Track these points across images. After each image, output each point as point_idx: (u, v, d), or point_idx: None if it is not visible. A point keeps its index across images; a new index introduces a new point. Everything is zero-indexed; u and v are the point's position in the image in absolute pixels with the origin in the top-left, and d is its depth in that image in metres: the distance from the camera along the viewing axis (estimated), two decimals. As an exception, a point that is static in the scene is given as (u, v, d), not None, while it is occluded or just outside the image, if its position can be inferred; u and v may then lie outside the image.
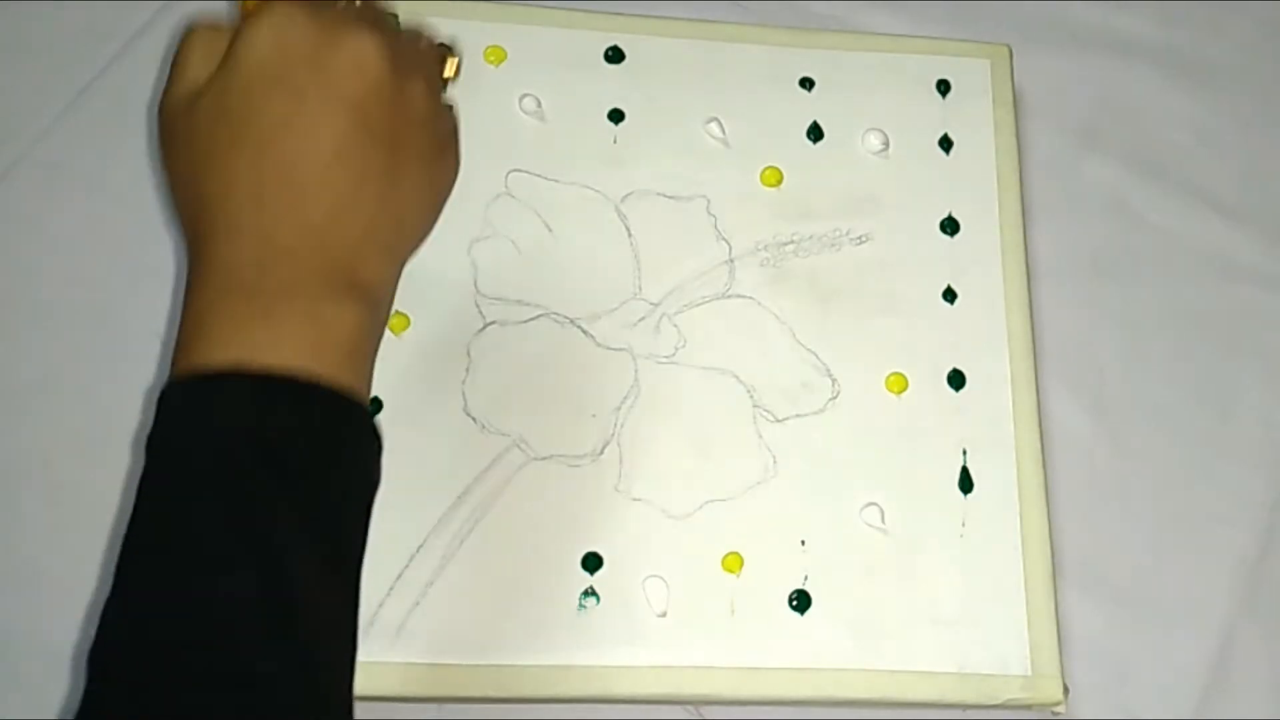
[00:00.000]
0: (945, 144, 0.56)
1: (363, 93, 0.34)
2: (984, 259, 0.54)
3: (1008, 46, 0.58)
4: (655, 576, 0.47)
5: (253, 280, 0.33)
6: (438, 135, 0.38)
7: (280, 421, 0.32)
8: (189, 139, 0.35)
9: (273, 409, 0.32)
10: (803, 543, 0.48)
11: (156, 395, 0.33)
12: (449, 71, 0.40)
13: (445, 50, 0.40)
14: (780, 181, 0.55)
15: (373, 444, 0.34)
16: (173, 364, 0.33)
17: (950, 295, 0.53)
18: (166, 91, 0.36)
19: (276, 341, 0.32)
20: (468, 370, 0.50)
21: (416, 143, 0.36)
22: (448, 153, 0.39)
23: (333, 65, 0.34)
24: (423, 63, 0.38)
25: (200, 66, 0.35)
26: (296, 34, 0.34)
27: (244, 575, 0.30)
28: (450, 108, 0.39)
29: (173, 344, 0.48)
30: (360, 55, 0.34)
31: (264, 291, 0.33)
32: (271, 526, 0.31)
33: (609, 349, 0.51)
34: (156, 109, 0.36)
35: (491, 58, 0.55)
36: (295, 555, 0.31)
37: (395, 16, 0.40)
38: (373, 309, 0.35)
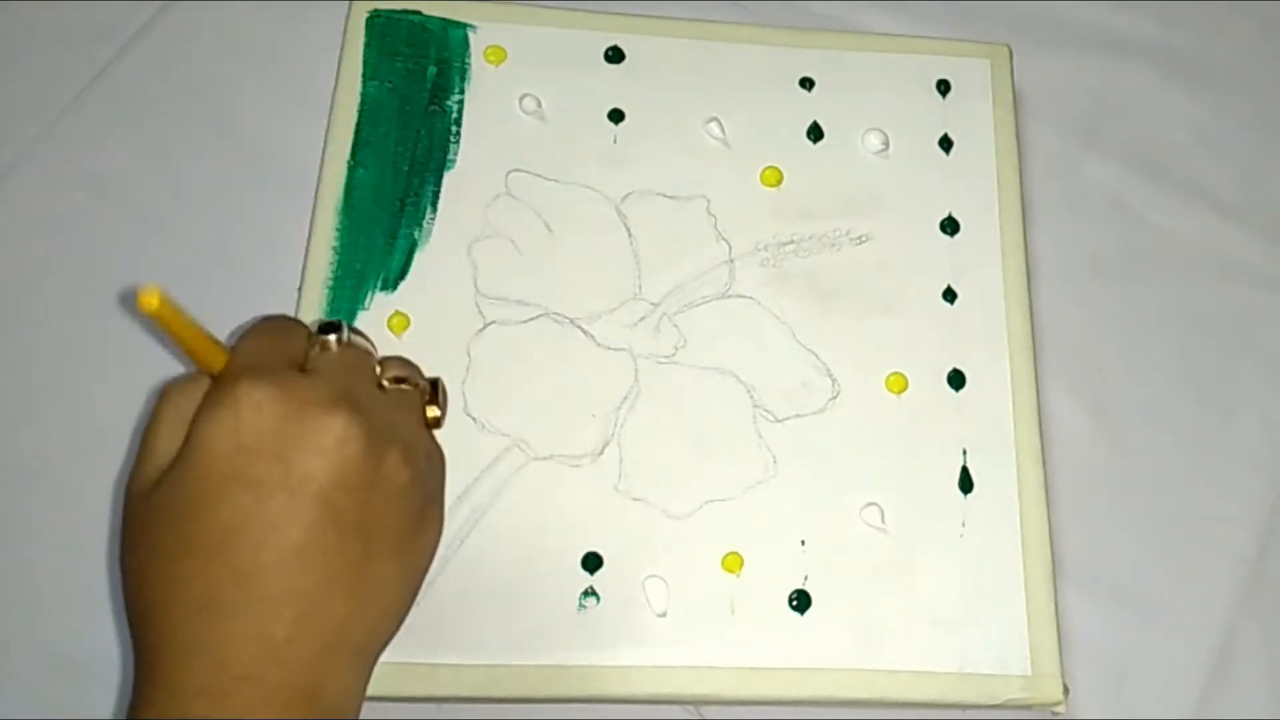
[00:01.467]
0: (945, 144, 0.56)
1: (331, 481, 0.31)
2: (984, 259, 0.54)
3: (1008, 46, 0.58)
4: (655, 576, 0.47)
5: (201, 713, 0.30)
6: (414, 503, 0.34)
7: None
8: (143, 533, 0.32)
9: None
10: (803, 543, 0.48)
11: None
12: (433, 414, 0.37)
13: (430, 391, 0.37)
14: (780, 181, 0.55)
15: None
16: None
17: (950, 295, 0.53)
18: (135, 465, 0.33)
19: None
20: (468, 370, 0.50)
21: (391, 523, 0.33)
22: (427, 522, 0.35)
23: (298, 454, 0.31)
24: (401, 426, 0.34)
25: (168, 438, 0.32)
26: (258, 419, 0.31)
27: None
28: (439, 457, 0.36)
29: (172, 344, 0.48)
30: (328, 441, 0.31)
31: None
32: None
33: (609, 349, 0.51)
34: (126, 487, 0.33)
35: (491, 58, 0.55)
36: None
37: (373, 355, 0.37)
38: None
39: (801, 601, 0.48)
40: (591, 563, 0.47)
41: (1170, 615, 0.52)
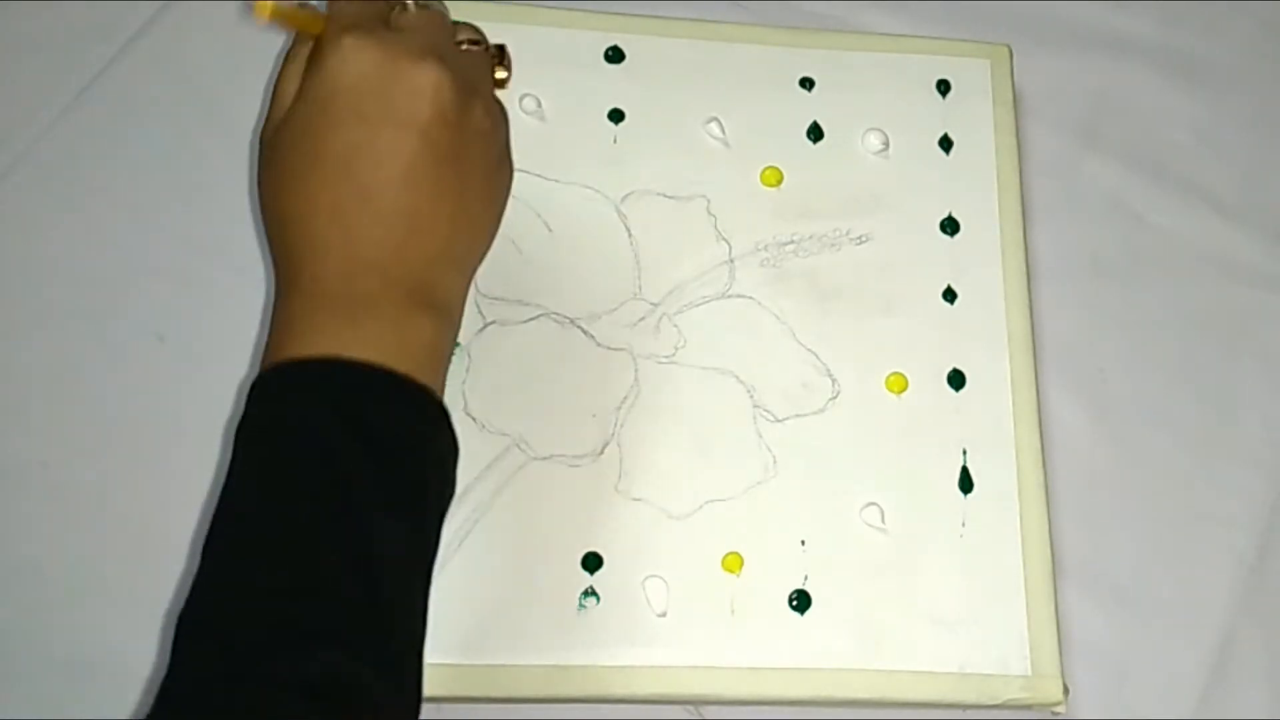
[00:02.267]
0: (945, 144, 0.56)
1: (428, 119, 0.36)
2: (984, 259, 0.54)
3: (1008, 46, 0.58)
4: (655, 576, 0.47)
5: (339, 291, 0.35)
6: (496, 147, 0.39)
7: (375, 410, 0.34)
8: (275, 163, 0.37)
9: (367, 397, 0.34)
10: (803, 543, 0.48)
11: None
12: (501, 76, 0.42)
13: (497, 54, 0.42)
14: (780, 181, 0.55)
15: (453, 448, 0.36)
16: (262, 363, 0.35)
17: (950, 295, 0.53)
18: (267, 117, 0.38)
19: (362, 343, 0.34)
20: (468, 370, 0.50)
21: (479, 158, 0.38)
22: (505, 161, 0.41)
23: (399, 95, 0.35)
24: (481, 80, 0.39)
25: (289, 88, 0.37)
26: (364, 65, 0.35)
27: (333, 559, 0.32)
28: (504, 113, 0.41)
29: (173, 342, 0.49)
30: (424, 85, 0.36)
31: (350, 301, 0.35)
32: (364, 513, 0.32)
33: (609, 349, 0.51)
34: (259, 136, 0.38)
35: (491, 58, 0.55)
36: (384, 544, 0.32)
37: (447, 18, 0.40)
38: (448, 320, 0.37)
39: (801, 601, 0.48)
40: (591, 563, 0.47)
41: (1170, 615, 0.52)
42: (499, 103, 0.41)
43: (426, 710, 0.47)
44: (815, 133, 0.56)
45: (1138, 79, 0.62)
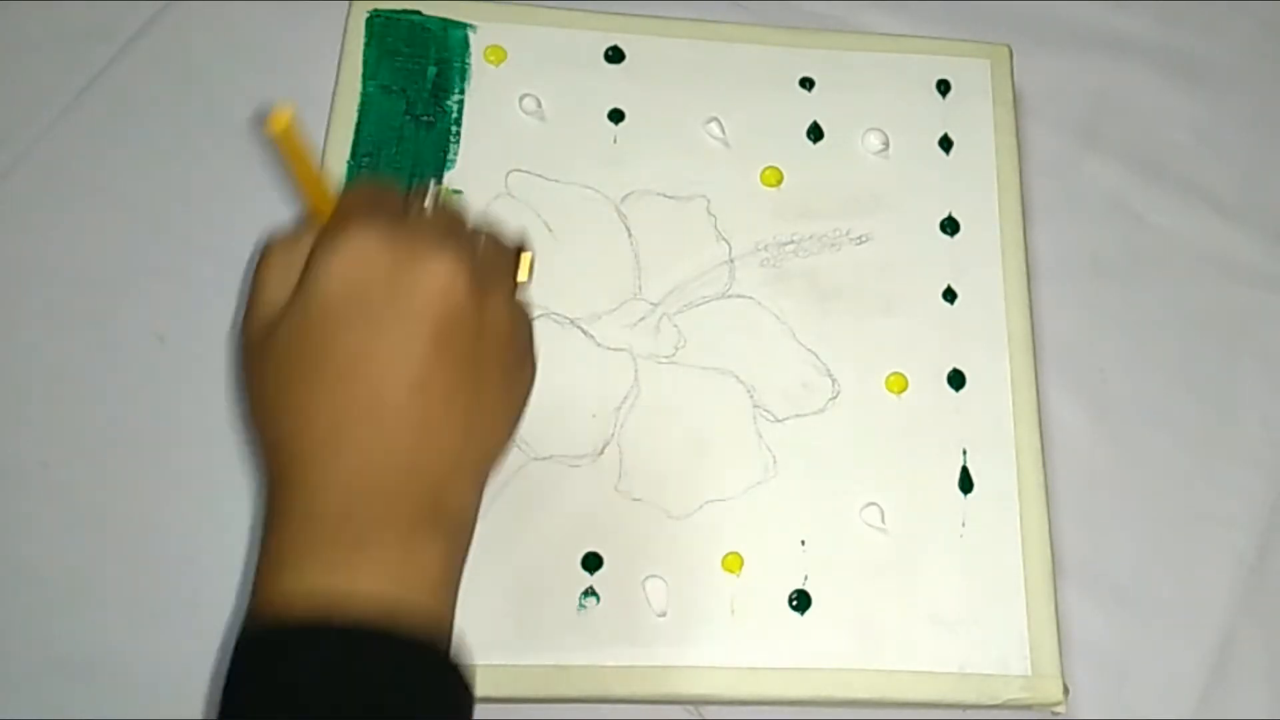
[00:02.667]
0: (945, 144, 0.56)
1: (443, 317, 0.33)
2: (984, 259, 0.54)
3: (1008, 46, 0.58)
4: (655, 576, 0.47)
5: (338, 518, 0.32)
6: (517, 344, 0.37)
7: (369, 681, 0.30)
8: (266, 371, 0.34)
9: (360, 666, 0.30)
10: (803, 543, 0.48)
11: (241, 624, 0.32)
12: (523, 275, 0.38)
13: (517, 251, 0.39)
14: (780, 181, 0.55)
15: (466, 693, 0.33)
16: (250, 603, 0.32)
17: (950, 295, 0.53)
18: (247, 315, 0.35)
19: (362, 585, 0.31)
20: (468, 370, 0.49)
21: (498, 358, 0.35)
22: (526, 359, 0.38)
23: (411, 291, 0.32)
24: (500, 274, 0.36)
25: (277, 288, 0.34)
26: (372, 259, 0.32)
27: None
28: (527, 313, 0.38)
29: (173, 342, 0.48)
30: (439, 279, 0.33)
31: (350, 529, 0.32)
32: None
33: (609, 349, 0.51)
34: (239, 333, 0.35)
35: (491, 58, 0.55)
36: None
37: (466, 216, 0.38)
38: (459, 537, 0.34)
39: (801, 601, 0.48)
40: (591, 563, 0.47)
41: (1170, 615, 0.52)
42: (520, 303, 0.38)
43: (426, 710, 0.47)
44: (815, 133, 0.56)
45: (1138, 79, 0.62)
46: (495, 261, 0.36)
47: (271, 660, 0.31)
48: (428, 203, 0.36)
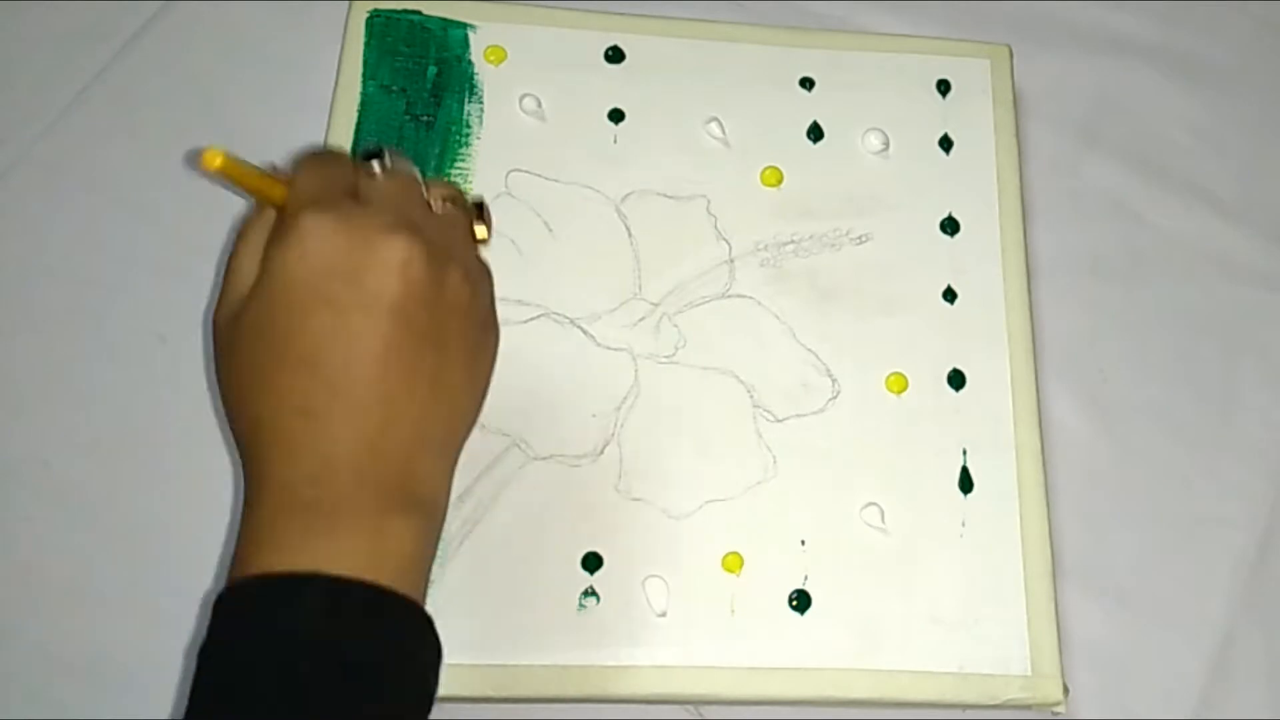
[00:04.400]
0: (945, 144, 0.56)
1: (402, 296, 0.34)
2: (984, 259, 0.54)
3: (1008, 46, 0.58)
4: (655, 576, 0.47)
5: (310, 498, 0.33)
6: (478, 315, 0.37)
7: (349, 631, 0.31)
8: (236, 357, 0.35)
9: (341, 617, 0.31)
10: (803, 543, 0.48)
11: (214, 599, 0.32)
12: (481, 233, 0.39)
13: (475, 212, 0.39)
14: (780, 181, 0.55)
15: (436, 656, 0.34)
16: (229, 576, 0.32)
17: (950, 295, 0.53)
18: (219, 300, 0.36)
19: (338, 555, 0.32)
20: (468, 370, 0.49)
21: (459, 331, 0.36)
22: (488, 328, 0.38)
23: (368, 274, 0.33)
24: (456, 246, 0.37)
25: (247, 270, 0.35)
26: (328, 246, 0.33)
27: None
28: (487, 272, 0.38)
29: (173, 342, 0.48)
30: (393, 261, 0.33)
31: (323, 508, 0.33)
32: None
33: (609, 349, 0.51)
34: (212, 318, 0.36)
35: (491, 58, 0.55)
36: None
37: (418, 181, 0.38)
38: (430, 514, 0.35)
39: (801, 601, 0.48)
40: (591, 563, 0.47)
41: (1170, 615, 0.52)
42: (481, 262, 0.39)
43: (427, 710, 0.47)
44: (815, 133, 0.56)
45: (1138, 79, 0.62)
46: (450, 231, 0.37)
47: (247, 613, 0.31)
48: (378, 169, 0.37)
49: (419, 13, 0.55)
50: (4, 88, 0.56)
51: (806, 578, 0.48)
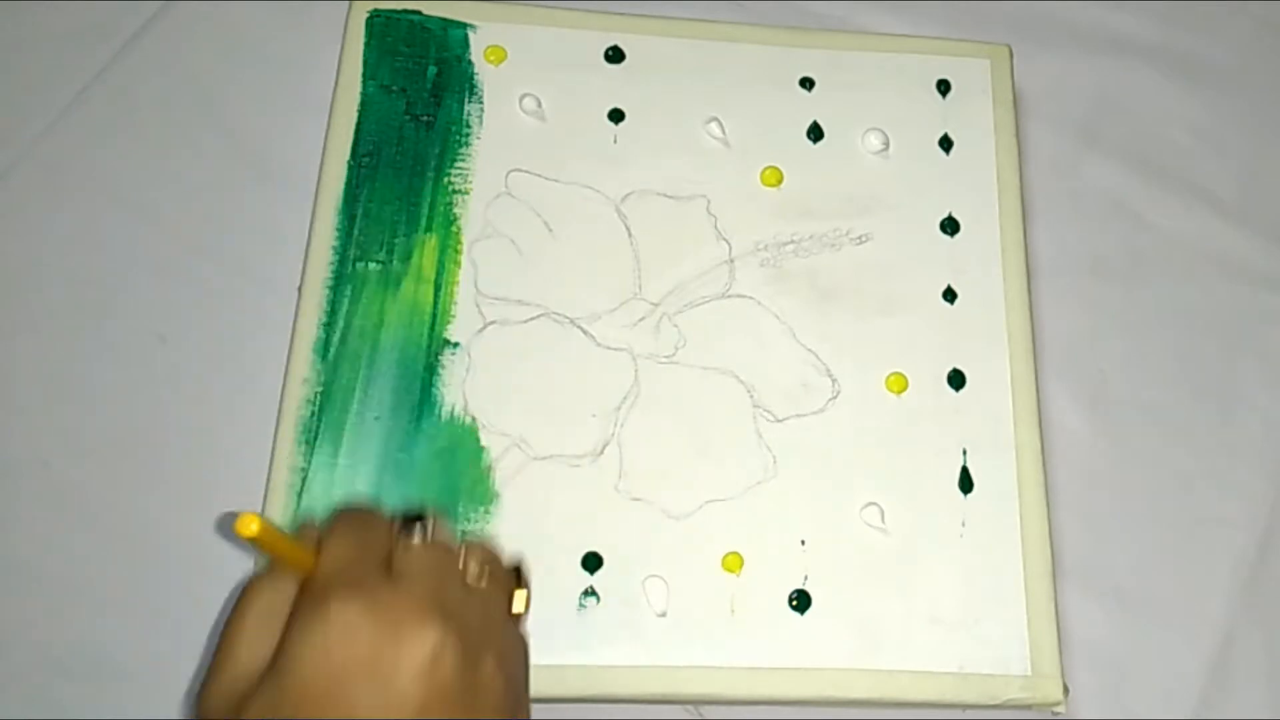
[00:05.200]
0: (945, 144, 0.56)
1: (428, 698, 0.31)
2: (984, 259, 0.54)
3: (1008, 46, 0.58)
4: (655, 576, 0.47)
5: None
6: (511, 699, 0.34)
7: None
8: None
9: None
10: (803, 543, 0.48)
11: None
12: (519, 607, 0.37)
13: (514, 577, 0.37)
14: (780, 181, 0.55)
15: None
16: None
17: (950, 295, 0.53)
18: (213, 675, 0.33)
19: None
20: (468, 370, 0.49)
21: (490, 712, 0.33)
22: (521, 699, 0.36)
23: (395, 670, 0.31)
24: (492, 628, 0.35)
25: (252, 647, 0.32)
26: (353, 635, 0.31)
27: None
28: (524, 646, 0.36)
29: (173, 342, 0.48)
30: (423, 656, 0.31)
31: None
32: None
33: (609, 349, 0.51)
34: (198, 694, 0.33)
35: (491, 58, 0.55)
36: None
37: (455, 550, 0.36)
38: None
39: (801, 601, 0.48)
40: (591, 563, 0.47)
41: (1170, 615, 0.52)
42: (516, 637, 0.37)
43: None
44: (815, 133, 0.56)
45: (1138, 79, 0.62)
46: (487, 609, 0.35)
47: None
48: (416, 539, 0.35)
49: (419, 13, 0.55)
50: (4, 88, 0.56)
51: (806, 578, 0.48)
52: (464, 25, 0.55)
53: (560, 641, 0.46)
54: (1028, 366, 0.52)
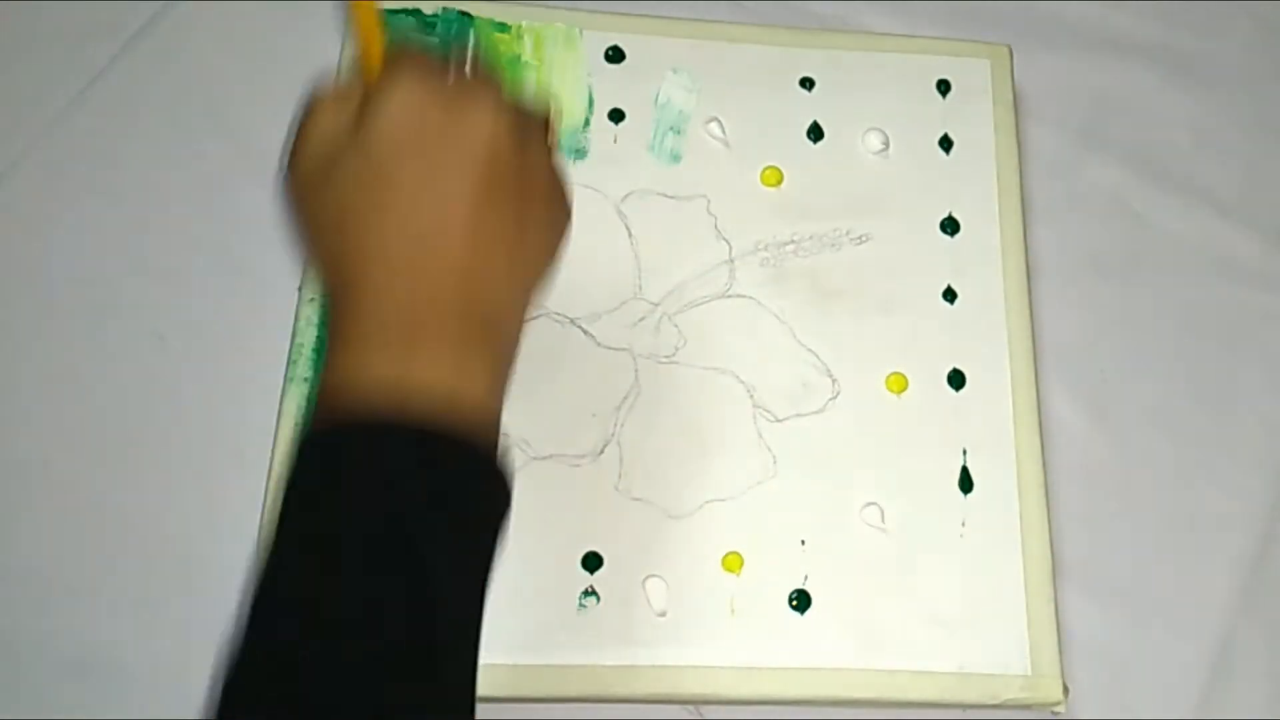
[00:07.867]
0: (945, 144, 0.56)
1: (490, 158, 0.36)
2: (984, 259, 0.54)
3: (1008, 46, 0.58)
4: (655, 576, 0.47)
5: (396, 324, 0.35)
6: (554, 184, 0.40)
7: (431, 480, 0.34)
8: (328, 198, 0.37)
9: (425, 463, 0.34)
10: (803, 543, 0.48)
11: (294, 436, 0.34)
12: (552, 136, 0.42)
13: (547, 108, 0.42)
14: (780, 181, 0.55)
15: (507, 504, 0.37)
16: (318, 407, 0.34)
17: (950, 295, 0.53)
18: (296, 152, 0.38)
19: (421, 376, 0.34)
20: (468, 370, 0.49)
21: (538, 194, 0.39)
22: (562, 202, 0.41)
23: (461, 135, 0.36)
24: (536, 127, 0.40)
25: (329, 132, 0.37)
26: (425, 107, 0.36)
27: (394, 619, 0.32)
28: (561, 161, 0.41)
29: (173, 342, 0.48)
30: (484, 125, 0.36)
31: (411, 337, 0.35)
32: (422, 565, 0.33)
33: (609, 349, 0.51)
34: (286, 171, 0.38)
35: (491, 58, 0.55)
36: (446, 614, 0.33)
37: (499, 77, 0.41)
38: (506, 353, 0.38)
39: (801, 601, 0.48)
40: (591, 563, 0.47)
41: (1170, 615, 0.52)
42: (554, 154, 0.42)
43: (426, 710, 0.47)
44: (815, 133, 0.56)
45: (1138, 79, 0.62)
46: (531, 116, 0.40)
47: (336, 458, 0.33)
48: (466, 68, 0.39)
49: (419, 12, 0.55)
50: (4, 88, 0.56)
51: (806, 578, 0.48)
52: (465, 24, 0.55)
53: (560, 641, 0.46)
54: (1028, 366, 0.52)
